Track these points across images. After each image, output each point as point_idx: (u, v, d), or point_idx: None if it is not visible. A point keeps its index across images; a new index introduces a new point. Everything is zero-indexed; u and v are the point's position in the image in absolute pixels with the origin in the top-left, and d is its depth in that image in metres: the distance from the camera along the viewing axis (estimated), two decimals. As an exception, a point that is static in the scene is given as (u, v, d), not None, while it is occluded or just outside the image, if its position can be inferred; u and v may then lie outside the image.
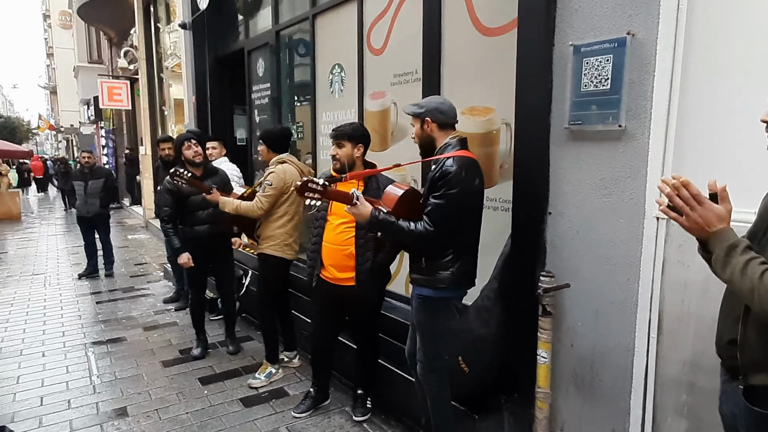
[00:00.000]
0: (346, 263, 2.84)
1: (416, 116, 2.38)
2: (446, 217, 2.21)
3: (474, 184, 2.30)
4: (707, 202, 1.26)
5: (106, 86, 11.89)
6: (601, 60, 2.06)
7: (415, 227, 2.20)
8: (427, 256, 2.36)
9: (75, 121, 25.76)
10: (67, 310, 5.32)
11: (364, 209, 2.22)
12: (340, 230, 2.84)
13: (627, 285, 2.07)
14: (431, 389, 2.52)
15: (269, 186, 3.39)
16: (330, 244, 2.87)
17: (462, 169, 2.22)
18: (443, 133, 2.37)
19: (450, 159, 2.25)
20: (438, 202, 2.21)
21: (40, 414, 3.17)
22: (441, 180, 2.22)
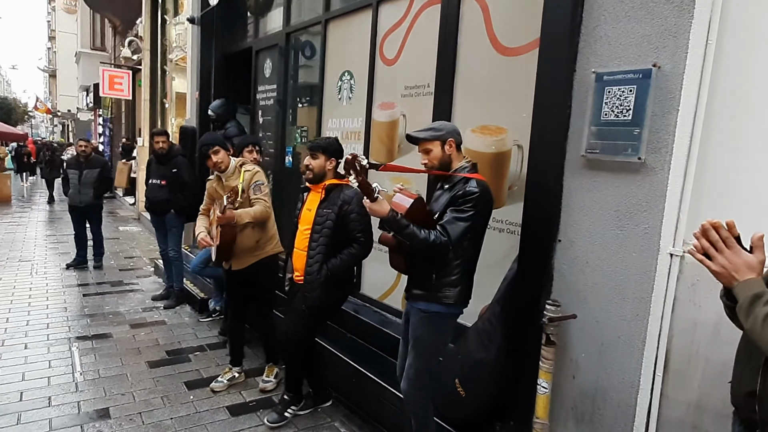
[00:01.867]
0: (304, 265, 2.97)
1: (436, 139, 2.34)
2: (463, 234, 2.22)
3: (489, 207, 2.33)
4: (737, 247, 1.22)
5: (107, 75, 11.77)
6: (624, 90, 2.02)
7: (429, 235, 2.19)
8: (437, 273, 2.34)
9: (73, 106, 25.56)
10: (52, 301, 5.20)
11: (384, 205, 2.21)
12: (304, 236, 2.97)
13: (636, 320, 2.02)
14: (418, 407, 2.48)
15: (263, 185, 3.45)
16: (297, 249, 3.02)
17: (483, 193, 2.27)
18: (458, 154, 2.39)
19: (473, 180, 2.28)
20: (458, 216, 2.22)
21: (19, 410, 3.07)
22: (463, 198, 2.24)
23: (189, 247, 6.31)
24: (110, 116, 16.59)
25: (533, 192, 2.39)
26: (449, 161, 2.36)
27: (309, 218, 2.96)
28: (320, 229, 2.90)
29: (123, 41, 12.90)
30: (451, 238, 2.18)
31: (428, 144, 2.35)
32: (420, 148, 2.39)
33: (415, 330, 2.42)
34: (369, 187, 2.18)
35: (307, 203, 3.04)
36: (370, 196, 2.19)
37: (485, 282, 2.74)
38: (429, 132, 2.37)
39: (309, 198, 3.05)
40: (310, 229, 2.93)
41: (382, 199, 2.21)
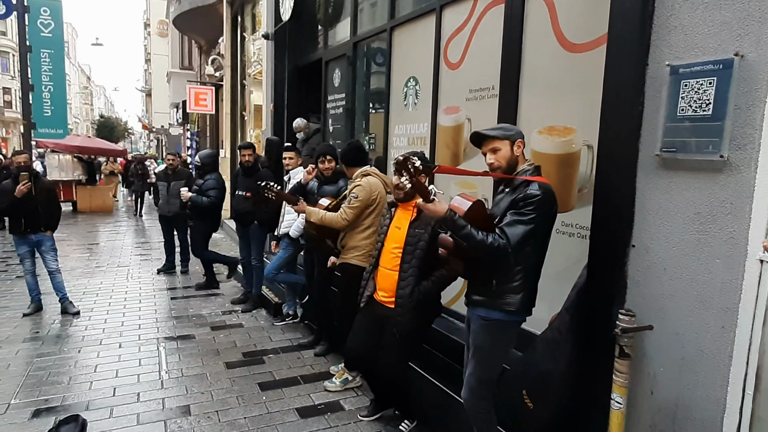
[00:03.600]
0: (392, 287, 2.86)
1: (506, 138, 2.29)
2: (523, 238, 2.14)
3: (552, 211, 2.25)
4: None
5: (193, 92, 12.62)
6: (703, 83, 1.86)
7: (486, 237, 2.13)
8: (498, 278, 2.27)
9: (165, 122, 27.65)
10: (144, 304, 5.63)
11: (441, 206, 2.18)
12: (393, 255, 2.87)
13: (721, 333, 1.85)
14: (480, 417, 2.42)
15: (355, 198, 3.45)
16: (383, 268, 2.93)
17: (546, 196, 2.18)
18: (523, 157, 2.34)
19: (535, 183, 2.21)
20: (518, 219, 2.15)
21: (111, 405, 3.34)
22: (524, 201, 2.17)
23: (266, 254, 6.58)
24: (197, 130, 17.74)
25: (603, 194, 2.26)
26: (516, 163, 2.30)
27: (399, 237, 2.87)
28: (413, 250, 2.81)
29: (207, 60, 13.77)
30: (510, 242, 2.11)
31: (497, 143, 2.29)
32: (487, 147, 2.33)
33: (476, 338, 2.37)
34: (424, 189, 2.17)
35: (395, 221, 2.95)
36: (426, 198, 2.17)
37: (555, 289, 2.62)
38: (499, 131, 2.33)
39: (397, 215, 2.97)
40: (400, 248, 2.84)
41: (439, 200, 2.19)
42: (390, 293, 2.87)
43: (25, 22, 8.11)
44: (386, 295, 2.91)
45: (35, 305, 5.18)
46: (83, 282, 6.49)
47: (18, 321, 4.93)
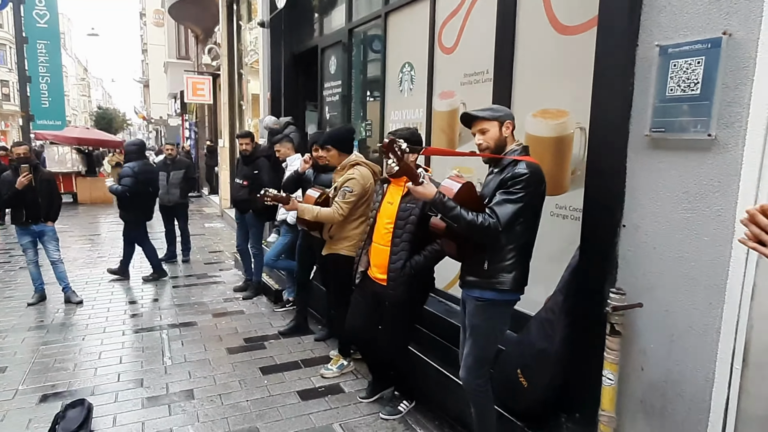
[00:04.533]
0: (385, 263, 2.90)
1: (495, 119, 2.31)
2: (513, 216, 2.17)
3: (540, 189, 2.27)
4: None
5: (191, 81, 12.59)
6: (691, 62, 1.88)
7: (476, 217, 2.16)
8: (489, 258, 2.30)
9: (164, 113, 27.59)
10: (146, 292, 5.69)
11: (430, 188, 2.21)
12: (385, 230, 2.90)
13: (709, 309, 1.89)
14: (478, 395, 2.47)
15: (350, 192, 3.39)
16: (376, 243, 2.97)
17: (533, 174, 2.21)
18: (512, 138, 2.36)
19: (522, 162, 2.23)
20: (507, 198, 2.19)
21: (116, 390, 3.41)
22: (512, 180, 2.20)
23: (265, 242, 6.63)
24: (195, 120, 17.73)
25: (595, 175, 2.29)
26: (504, 144, 2.33)
27: (391, 212, 2.90)
28: (403, 224, 2.84)
29: (204, 49, 13.71)
30: (500, 220, 2.14)
31: (486, 123, 2.32)
32: (476, 128, 2.35)
33: (471, 318, 2.41)
34: (412, 171, 2.19)
35: (388, 196, 2.99)
36: (415, 180, 2.20)
37: (549, 271, 2.66)
38: (488, 111, 2.35)
39: (390, 190, 3.00)
40: (392, 224, 2.88)
41: (427, 182, 2.22)
42: (383, 269, 2.91)
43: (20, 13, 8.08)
44: (379, 271, 2.95)
45: (39, 295, 5.24)
46: (85, 272, 6.54)
47: (23, 310, 4.99)
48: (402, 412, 3.09)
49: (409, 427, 2.99)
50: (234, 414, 3.10)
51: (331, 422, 3.02)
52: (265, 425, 2.98)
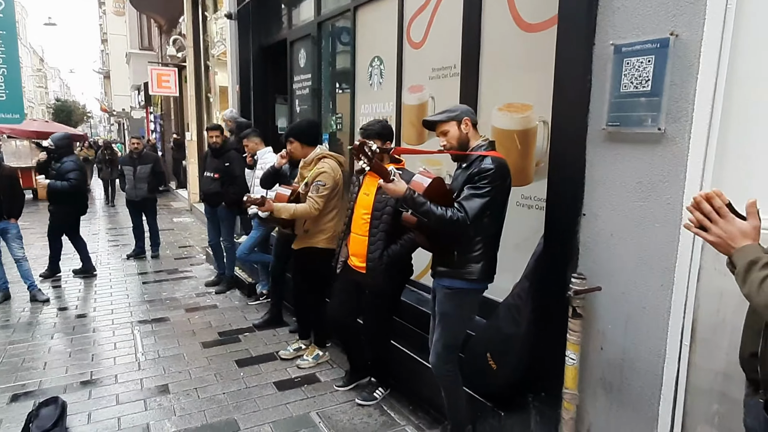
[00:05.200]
0: (364, 252, 2.98)
1: (452, 119, 2.41)
2: (480, 210, 2.27)
3: (506, 183, 2.38)
4: (730, 216, 1.24)
5: (155, 73, 12.30)
6: (643, 60, 2.01)
7: (446, 212, 2.26)
8: (458, 249, 2.41)
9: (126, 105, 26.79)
10: (116, 289, 5.62)
11: (401, 185, 2.29)
12: (363, 221, 2.98)
13: (660, 291, 2.03)
14: (448, 380, 2.58)
15: (323, 186, 3.42)
16: (354, 233, 3.05)
17: (500, 168, 2.31)
18: (475, 133, 2.45)
19: (488, 157, 2.33)
20: (474, 192, 2.28)
21: (89, 387, 3.39)
22: (479, 175, 2.29)
23: (237, 236, 6.61)
24: (161, 113, 17.34)
25: (557, 167, 2.41)
26: (467, 140, 2.42)
27: (367, 203, 2.98)
28: (380, 215, 2.93)
29: (168, 40, 13.40)
30: (468, 215, 2.24)
31: (445, 125, 2.42)
32: (438, 131, 2.46)
33: (441, 306, 2.52)
34: (383, 170, 2.28)
35: (365, 187, 3.05)
36: (386, 178, 2.28)
37: (516, 259, 2.78)
38: (444, 114, 2.45)
39: (366, 181, 3.05)
40: (369, 214, 2.96)
41: (398, 179, 2.30)
42: (361, 258, 2.99)
43: (-28, 3, 7.75)
44: (358, 260, 3.03)
45: (3, 294, 5.12)
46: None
47: (-14, 311, 4.87)
48: (377, 399, 3.19)
49: (384, 413, 3.09)
50: (211, 407, 3.14)
51: (308, 411, 3.10)
52: (243, 416, 3.03)
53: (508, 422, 2.59)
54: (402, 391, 3.27)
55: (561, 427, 2.38)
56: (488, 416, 2.65)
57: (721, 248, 1.27)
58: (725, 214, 1.23)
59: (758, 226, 1.23)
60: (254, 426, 2.93)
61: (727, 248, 1.25)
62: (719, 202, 1.24)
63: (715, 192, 1.25)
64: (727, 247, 1.24)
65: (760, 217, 1.24)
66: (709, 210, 1.25)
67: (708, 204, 1.26)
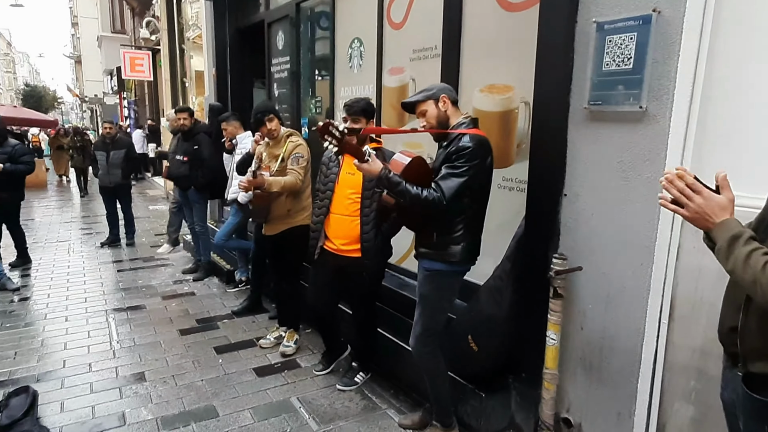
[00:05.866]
0: (352, 234, 2.92)
1: (429, 98, 2.36)
2: (457, 189, 2.21)
3: (486, 162, 2.31)
4: (705, 191, 1.24)
5: (128, 57, 11.97)
6: (625, 38, 2.00)
7: (421, 191, 2.21)
8: (438, 230, 2.37)
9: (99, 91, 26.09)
10: (89, 277, 5.48)
11: (375, 165, 2.24)
12: (349, 201, 2.91)
13: (640, 270, 2.04)
14: (429, 362, 2.55)
15: (301, 158, 3.48)
16: (338, 215, 2.96)
17: (478, 146, 2.25)
18: (455, 110, 2.39)
19: (467, 135, 2.27)
20: (451, 172, 2.23)
21: (62, 376, 3.30)
22: (456, 154, 2.24)
23: (215, 222, 6.50)
24: (134, 98, 16.91)
25: (538, 147, 2.40)
26: (446, 118, 2.36)
27: (354, 182, 2.89)
28: (371, 194, 2.86)
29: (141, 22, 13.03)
30: (444, 194, 2.18)
31: (423, 105, 2.37)
32: (417, 113, 2.41)
33: (421, 287, 2.49)
34: (356, 150, 2.23)
35: (347, 167, 2.94)
36: (360, 158, 2.24)
37: (498, 241, 2.77)
38: (421, 94, 2.40)
39: (347, 161, 2.93)
40: (357, 194, 2.89)
41: (373, 159, 2.25)
42: (349, 239, 2.92)
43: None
44: (344, 242, 2.94)
45: (-30, 283, 4.93)
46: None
47: (-48, 300, 4.70)
48: (359, 383, 3.17)
49: (366, 397, 3.07)
50: (189, 394, 3.08)
51: (288, 396, 3.06)
52: (222, 402, 2.98)
53: (489, 403, 2.59)
54: (383, 375, 3.25)
55: (541, 406, 2.40)
56: (469, 398, 2.65)
57: (698, 223, 1.26)
58: (699, 189, 1.23)
59: (733, 198, 1.23)
60: (233, 412, 2.88)
61: (705, 223, 1.24)
62: (690, 178, 1.24)
63: (678, 171, 1.25)
64: (705, 222, 1.24)
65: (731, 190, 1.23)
66: (682, 187, 1.25)
67: (681, 181, 1.25)
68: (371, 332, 3.20)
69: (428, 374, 2.57)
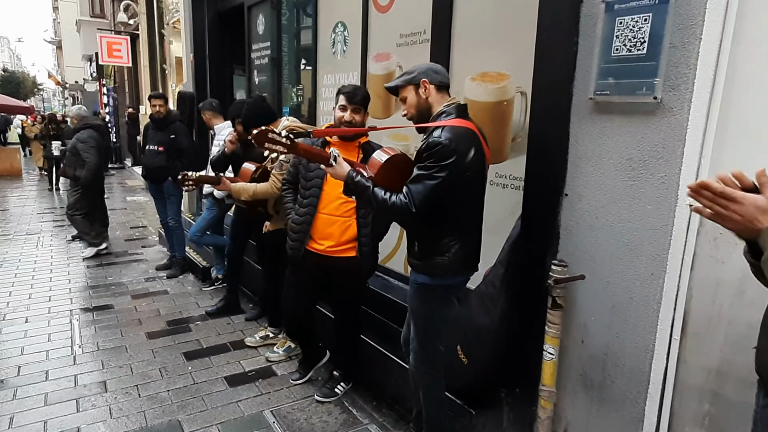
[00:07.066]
0: (343, 236, 2.66)
1: (409, 83, 2.10)
2: (429, 194, 1.92)
3: (467, 157, 1.97)
4: (738, 196, 1.04)
5: (105, 41, 11.51)
6: (638, 20, 1.76)
7: (389, 197, 1.93)
8: (417, 239, 2.12)
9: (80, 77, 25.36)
10: (56, 274, 5.17)
11: (340, 169, 1.99)
12: (340, 201, 2.63)
13: (651, 280, 1.83)
14: (425, 381, 2.33)
15: (287, 163, 3.12)
16: (327, 215, 2.67)
17: (452, 141, 1.91)
18: (440, 97, 2.09)
19: (438, 129, 1.96)
20: (422, 173, 1.93)
21: (15, 385, 3.02)
22: (426, 152, 1.94)
23: (191, 215, 6.21)
24: (114, 85, 16.40)
25: (537, 142, 2.17)
26: (427, 106, 2.08)
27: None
28: None
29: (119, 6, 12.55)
30: (413, 200, 1.90)
31: (404, 90, 2.11)
32: (399, 98, 2.16)
33: (409, 302, 2.26)
34: (316, 152, 1.99)
35: None
36: (325, 162, 1.99)
37: (489, 243, 2.53)
38: (402, 77, 2.12)
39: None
40: None
41: (340, 161, 2.00)
42: (338, 241, 2.66)
43: None
44: (332, 244, 2.67)
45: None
46: (-16, 253, 5.88)
47: None
48: (338, 394, 2.94)
49: (346, 410, 2.84)
50: (152, 407, 2.82)
51: (261, 409, 2.82)
52: (188, 417, 2.73)
53: (479, 421, 2.38)
54: (365, 385, 3.03)
55: (536, 426, 2.19)
56: (458, 414, 2.43)
57: (742, 233, 1.06)
58: (731, 195, 1.03)
59: None
60: (200, 428, 2.63)
61: (749, 231, 1.04)
62: (717, 187, 1.04)
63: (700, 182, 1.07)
64: (749, 230, 1.04)
65: None
66: (712, 197, 1.04)
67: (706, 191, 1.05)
68: (356, 338, 2.97)
69: (425, 392, 2.33)
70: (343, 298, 2.90)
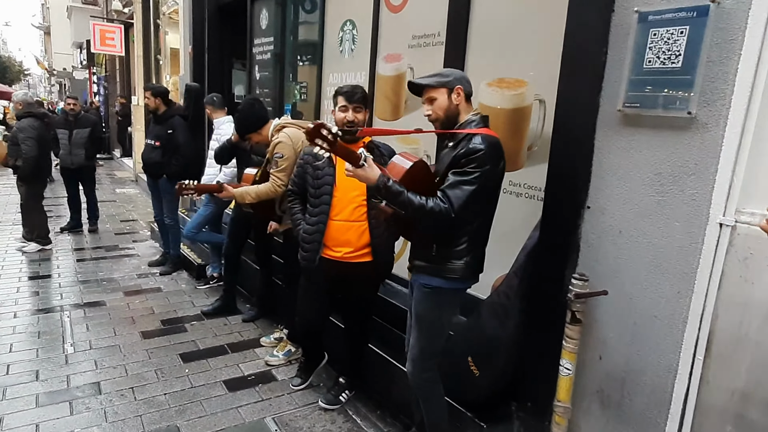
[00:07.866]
0: (361, 240, 2.60)
1: (443, 86, 2.05)
2: (468, 199, 1.93)
3: (498, 167, 2.03)
4: None
5: (98, 29, 11.27)
6: (674, 32, 1.72)
7: (426, 202, 1.92)
8: (438, 242, 2.08)
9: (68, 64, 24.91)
10: (44, 267, 5.03)
11: (372, 172, 1.93)
12: (354, 205, 2.57)
13: (677, 299, 1.79)
14: (425, 390, 2.28)
15: (281, 159, 3.04)
16: (342, 221, 2.59)
17: (490, 150, 1.96)
18: (467, 106, 2.10)
19: (478, 136, 1.97)
20: (461, 179, 1.93)
21: (4, 384, 2.91)
22: (467, 158, 1.94)
23: (186, 211, 6.09)
24: (105, 74, 16.12)
25: (559, 152, 2.12)
26: (456, 113, 2.07)
27: (358, 184, 2.27)
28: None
29: (114, -6, 12.32)
30: (453, 206, 1.90)
31: (433, 91, 2.06)
32: (424, 97, 2.10)
33: (417, 306, 2.20)
34: (351, 153, 1.92)
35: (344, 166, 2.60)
36: (355, 163, 1.92)
37: (500, 251, 2.50)
38: (434, 78, 2.08)
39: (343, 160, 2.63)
40: (364, 197, 2.55)
41: (369, 165, 1.94)
42: (354, 247, 2.59)
43: None
44: (350, 250, 2.60)
45: None
46: (-30, 243, 5.71)
47: None
48: (343, 402, 2.87)
49: (349, 418, 2.78)
50: (149, 411, 2.73)
51: (263, 416, 2.74)
52: (187, 423, 2.64)
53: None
54: (369, 392, 2.97)
55: (549, 442, 2.14)
56: (468, 427, 2.38)
57: None
58: None
59: None
60: (200, 435, 2.56)
61: None
62: None
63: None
64: None
65: None
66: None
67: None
68: (364, 346, 2.91)
69: (425, 403, 2.29)
70: (358, 305, 2.83)
